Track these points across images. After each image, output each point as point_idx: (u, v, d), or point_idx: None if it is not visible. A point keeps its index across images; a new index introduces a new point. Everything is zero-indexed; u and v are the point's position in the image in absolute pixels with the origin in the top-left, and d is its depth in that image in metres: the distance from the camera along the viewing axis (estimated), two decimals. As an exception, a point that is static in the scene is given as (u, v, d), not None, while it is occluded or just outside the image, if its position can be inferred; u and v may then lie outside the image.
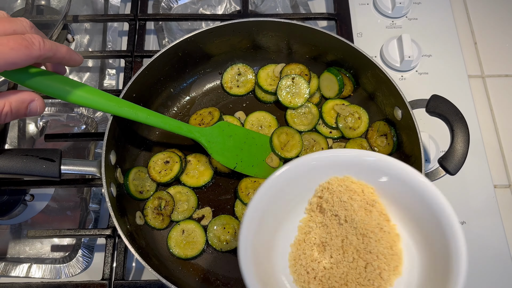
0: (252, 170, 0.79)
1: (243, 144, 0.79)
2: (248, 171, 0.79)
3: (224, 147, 0.77)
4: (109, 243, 0.75)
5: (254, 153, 0.80)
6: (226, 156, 0.77)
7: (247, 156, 0.79)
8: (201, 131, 0.75)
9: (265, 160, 0.80)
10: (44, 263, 0.77)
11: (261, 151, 0.81)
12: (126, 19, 0.96)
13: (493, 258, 0.78)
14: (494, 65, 0.98)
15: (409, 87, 0.92)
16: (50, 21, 0.93)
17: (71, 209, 0.84)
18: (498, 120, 0.92)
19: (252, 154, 0.80)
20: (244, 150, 0.79)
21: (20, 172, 0.64)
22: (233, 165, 0.78)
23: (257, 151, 0.80)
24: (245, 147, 0.79)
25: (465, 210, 0.82)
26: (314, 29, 0.79)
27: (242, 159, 0.78)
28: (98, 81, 0.97)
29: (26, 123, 0.91)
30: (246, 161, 0.79)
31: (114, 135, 0.73)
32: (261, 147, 0.81)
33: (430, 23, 1.00)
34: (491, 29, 1.02)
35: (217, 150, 0.76)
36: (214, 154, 0.76)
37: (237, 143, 0.79)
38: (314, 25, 0.80)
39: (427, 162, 0.83)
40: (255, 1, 1.04)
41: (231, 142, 0.78)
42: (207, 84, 0.89)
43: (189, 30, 1.02)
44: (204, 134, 0.75)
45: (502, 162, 0.89)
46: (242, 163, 0.78)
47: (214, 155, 0.76)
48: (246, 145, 0.79)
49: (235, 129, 0.79)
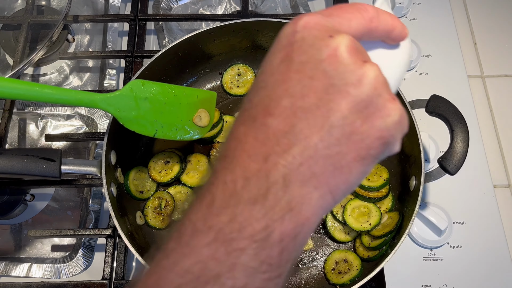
0: (177, 134, 0.69)
1: (163, 105, 0.68)
2: (172, 136, 0.69)
3: (139, 114, 0.66)
4: (110, 243, 0.75)
5: (178, 113, 0.69)
6: (141, 124, 0.66)
7: (169, 118, 0.69)
8: (107, 100, 0.64)
9: (192, 119, 0.71)
10: (45, 263, 0.78)
11: (187, 110, 0.70)
12: (126, 19, 0.96)
13: (493, 258, 0.78)
14: (493, 65, 0.98)
15: (409, 87, 0.92)
16: (51, 21, 0.94)
17: (72, 209, 0.84)
18: (497, 120, 0.93)
19: (175, 116, 0.69)
20: (165, 113, 0.68)
21: (20, 172, 0.64)
22: (152, 133, 0.67)
23: (181, 111, 0.70)
24: (166, 109, 0.68)
25: (464, 210, 0.82)
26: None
27: (163, 123, 0.68)
28: (98, 81, 0.97)
29: (26, 123, 0.91)
30: (168, 125, 0.68)
31: (114, 135, 0.73)
32: (186, 105, 0.70)
33: (430, 23, 1.00)
34: (490, 29, 1.02)
35: (130, 119, 0.65)
36: (127, 123, 0.65)
37: (156, 105, 0.67)
38: None
39: (427, 162, 0.83)
40: (255, 2, 1.04)
41: (147, 106, 0.67)
42: (207, 84, 0.89)
43: (189, 30, 1.02)
44: (112, 103, 0.64)
45: (501, 162, 0.89)
46: (163, 128, 0.68)
47: (127, 125, 0.66)
48: (167, 106, 0.68)
49: (151, 89, 0.67)
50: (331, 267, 0.73)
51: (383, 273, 0.75)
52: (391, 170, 0.78)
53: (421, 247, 0.79)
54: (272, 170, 0.32)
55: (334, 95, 0.33)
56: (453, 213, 0.80)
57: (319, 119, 0.32)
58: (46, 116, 0.91)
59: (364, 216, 0.73)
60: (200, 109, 0.72)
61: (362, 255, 0.73)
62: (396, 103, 0.34)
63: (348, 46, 0.33)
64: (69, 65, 0.98)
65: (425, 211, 0.78)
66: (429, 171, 0.71)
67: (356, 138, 0.33)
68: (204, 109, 0.72)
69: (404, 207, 0.74)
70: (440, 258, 0.78)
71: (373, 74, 0.33)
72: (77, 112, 0.90)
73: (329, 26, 0.35)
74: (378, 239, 0.72)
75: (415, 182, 0.71)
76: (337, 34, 0.34)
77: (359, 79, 0.33)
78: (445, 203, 0.81)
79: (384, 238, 0.71)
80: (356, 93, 0.33)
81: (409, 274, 0.77)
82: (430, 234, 0.78)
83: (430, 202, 0.81)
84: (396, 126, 0.34)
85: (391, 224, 0.72)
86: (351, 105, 0.33)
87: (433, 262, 0.78)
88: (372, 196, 0.75)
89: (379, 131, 0.33)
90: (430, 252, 0.78)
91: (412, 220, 0.66)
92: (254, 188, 0.32)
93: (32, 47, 0.91)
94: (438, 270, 0.77)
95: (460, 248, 0.79)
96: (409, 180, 0.73)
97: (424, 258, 0.78)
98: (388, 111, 0.33)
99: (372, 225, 0.72)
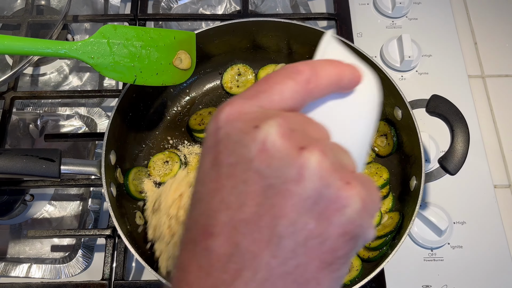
0: (158, 79, 0.66)
1: (139, 49, 0.65)
2: (153, 81, 0.66)
3: (115, 60, 0.63)
4: (109, 243, 0.75)
5: (156, 57, 0.66)
6: (119, 71, 0.63)
7: (148, 63, 0.65)
8: (79, 47, 0.61)
9: (172, 62, 0.68)
10: (44, 263, 0.77)
11: (166, 53, 0.67)
12: (126, 19, 0.96)
13: (493, 259, 0.78)
14: (494, 65, 0.98)
15: (409, 87, 0.92)
16: (50, 21, 0.93)
17: (71, 209, 0.84)
18: (498, 120, 0.92)
19: (153, 59, 0.66)
20: (142, 57, 0.65)
21: (20, 172, 0.64)
22: (131, 79, 0.64)
23: (160, 54, 0.67)
24: (142, 53, 0.65)
25: (465, 210, 0.82)
26: (314, 29, 0.79)
27: (141, 68, 0.65)
28: (98, 81, 0.97)
29: (26, 123, 0.91)
30: (147, 70, 0.65)
31: (114, 135, 0.73)
32: (164, 47, 0.66)
33: (430, 23, 1.00)
34: (491, 29, 1.02)
35: (106, 66, 0.63)
36: (104, 71, 0.63)
37: (131, 49, 0.65)
38: (314, 25, 0.80)
39: (427, 162, 0.83)
40: (255, 1, 1.04)
41: (122, 51, 0.64)
42: (207, 84, 0.89)
43: (189, 30, 1.02)
44: (84, 50, 0.61)
45: (502, 162, 0.89)
46: (143, 73, 0.65)
47: (103, 72, 0.63)
48: (144, 50, 0.65)
49: (124, 33, 0.64)
50: None
51: (383, 274, 0.74)
52: (391, 170, 0.78)
53: (421, 247, 0.79)
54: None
55: (275, 198, 0.27)
56: (453, 213, 0.80)
57: (265, 230, 0.27)
58: (45, 116, 0.91)
59: (364, 216, 0.73)
60: (179, 50, 0.68)
61: (362, 255, 0.73)
62: (351, 187, 0.27)
63: (278, 133, 0.28)
64: (68, 65, 0.98)
65: (425, 211, 0.78)
66: (429, 171, 0.71)
67: (314, 243, 0.27)
68: (184, 51, 0.69)
69: (404, 207, 0.73)
70: (440, 259, 0.78)
71: (315, 162, 0.27)
72: (77, 112, 0.90)
73: (255, 112, 0.30)
74: (378, 239, 0.71)
75: (416, 182, 0.71)
76: (264, 121, 0.28)
77: (299, 172, 0.27)
78: (445, 203, 0.81)
79: (385, 238, 0.71)
80: (299, 191, 0.27)
81: (409, 275, 0.77)
82: (431, 234, 0.78)
83: (431, 202, 0.81)
84: (360, 214, 0.28)
85: (392, 224, 0.72)
86: (298, 206, 0.27)
87: (433, 263, 0.78)
88: (372, 196, 0.74)
89: (340, 227, 0.27)
90: (430, 252, 0.78)
91: (413, 220, 0.66)
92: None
93: (31, 47, 0.91)
94: (439, 270, 0.77)
95: (460, 249, 0.79)
96: (410, 180, 0.73)
97: (424, 258, 0.78)
98: (344, 201, 0.27)
99: None
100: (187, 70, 0.69)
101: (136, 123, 0.79)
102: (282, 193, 0.27)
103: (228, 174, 0.29)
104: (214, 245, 0.28)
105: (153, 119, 0.83)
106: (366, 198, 0.28)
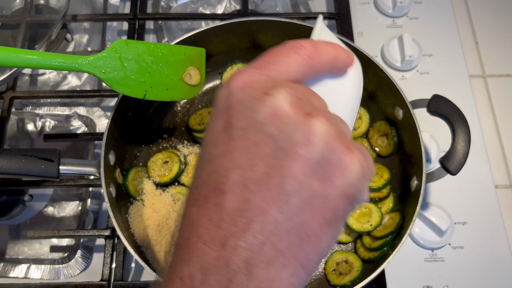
0: (167, 94, 0.66)
1: (150, 64, 0.65)
2: (163, 97, 0.66)
3: (126, 75, 0.64)
4: (108, 243, 0.75)
5: (167, 72, 0.67)
6: (129, 85, 0.64)
7: (158, 78, 0.66)
8: (91, 62, 0.61)
9: (182, 78, 0.68)
10: (43, 264, 0.77)
11: (176, 68, 0.67)
12: (125, 18, 0.95)
13: (495, 259, 0.78)
14: (495, 64, 0.98)
15: (410, 86, 0.92)
16: (49, 20, 0.93)
17: (70, 209, 0.84)
18: (499, 120, 0.92)
19: (164, 75, 0.66)
20: (152, 72, 0.65)
21: (18, 172, 0.64)
22: (141, 94, 0.65)
23: (170, 70, 0.67)
24: (153, 68, 0.66)
25: (466, 210, 0.81)
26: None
27: (151, 84, 0.65)
28: (97, 81, 0.96)
29: (24, 123, 0.91)
30: (157, 85, 0.66)
31: (113, 135, 0.72)
32: (174, 63, 0.67)
33: (431, 22, 0.99)
34: (492, 28, 1.02)
35: (117, 80, 0.63)
36: (115, 85, 0.63)
37: (142, 64, 0.65)
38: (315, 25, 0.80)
39: (428, 162, 0.82)
40: (255, 0, 1.04)
41: (133, 66, 0.64)
42: (207, 84, 0.88)
43: (188, 29, 1.01)
44: (96, 65, 0.62)
45: (503, 162, 0.88)
46: (153, 88, 0.65)
47: (114, 87, 0.63)
48: (155, 65, 0.66)
49: (136, 48, 0.65)
50: (332, 268, 0.72)
51: (384, 274, 0.74)
52: (392, 170, 0.78)
53: (422, 248, 0.78)
54: (232, 256, 0.29)
55: (284, 160, 0.30)
56: (454, 213, 0.80)
57: (274, 189, 0.30)
58: (44, 116, 0.90)
59: (365, 217, 0.73)
60: (189, 66, 0.69)
61: (363, 256, 0.72)
62: (352, 153, 0.31)
63: (288, 101, 0.31)
64: (68, 64, 0.98)
65: (426, 212, 0.78)
66: (430, 171, 0.70)
67: (318, 202, 0.30)
68: (194, 67, 0.70)
69: (405, 207, 0.73)
70: (441, 259, 0.77)
71: (322, 129, 0.30)
72: (76, 112, 0.90)
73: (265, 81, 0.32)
74: (379, 240, 0.71)
75: (416, 183, 0.70)
76: (274, 89, 0.31)
77: (307, 137, 0.30)
78: (446, 203, 0.80)
79: (385, 239, 0.70)
80: (306, 154, 0.30)
81: (410, 275, 0.77)
82: (431, 234, 0.78)
83: (431, 203, 0.80)
84: (359, 178, 0.31)
85: (392, 224, 0.71)
86: (305, 168, 0.30)
87: (434, 263, 0.77)
88: (373, 196, 0.74)
89: (341, 188, 0.30)
90: (431, 253, 0.78)
91: (413, 220, 0.66)
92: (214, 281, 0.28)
93: (30, 47, 0.91)
94: (439, 271, 0.77)
95: (461, 249, 0.78)
96: (410, 181, 0.73)
97: (425, 259, 0.78)
98: (346, 165, 0.30)
99: (373, 226, 0.71)
100: (196, 86, 0.70)
101: (135, 123, 0.79)
102: (291, 155, 0.30)
103: (240, 137, 0.31)
104: (225, 201, 0.30)
105: (153, 119, 0.83)
106: (364, 163, 0.31)
